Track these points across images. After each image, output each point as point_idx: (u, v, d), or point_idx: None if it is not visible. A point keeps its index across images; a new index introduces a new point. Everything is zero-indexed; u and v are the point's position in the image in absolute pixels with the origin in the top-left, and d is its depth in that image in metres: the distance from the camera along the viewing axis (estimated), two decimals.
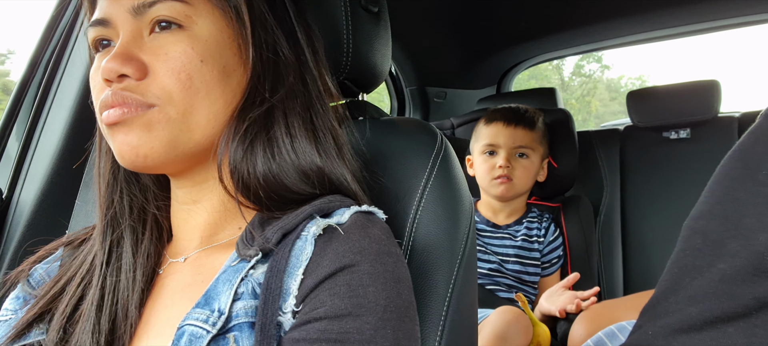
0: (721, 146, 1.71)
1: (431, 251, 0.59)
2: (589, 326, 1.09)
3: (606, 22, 1.87)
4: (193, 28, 0.50)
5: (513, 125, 1.46)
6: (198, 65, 0.49)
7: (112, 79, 0.48)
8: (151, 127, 0.48)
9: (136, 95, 0.48)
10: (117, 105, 0.48)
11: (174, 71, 0.48)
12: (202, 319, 0.44)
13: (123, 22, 0.50)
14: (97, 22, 0.51)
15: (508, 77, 2.33)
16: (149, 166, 0.50)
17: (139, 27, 0.50)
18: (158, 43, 0.49)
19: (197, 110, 0.50)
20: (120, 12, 0.50)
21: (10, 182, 0.95)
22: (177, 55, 0.49)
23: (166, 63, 0.48)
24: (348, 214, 0.49)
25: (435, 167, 0.63)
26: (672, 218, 1.70)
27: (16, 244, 0.89)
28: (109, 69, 0.47)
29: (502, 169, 1.44)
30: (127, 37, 0.49)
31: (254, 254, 0.48)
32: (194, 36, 0.50)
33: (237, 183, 0.51)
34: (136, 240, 0.55)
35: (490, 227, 1.51)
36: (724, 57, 13.29)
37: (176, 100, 0.48)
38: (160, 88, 0.48)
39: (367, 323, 0.42)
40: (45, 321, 0.52)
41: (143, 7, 0.49)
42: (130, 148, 0.48)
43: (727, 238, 0.34)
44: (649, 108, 1.79)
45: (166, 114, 0.48)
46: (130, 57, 0.48)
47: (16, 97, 0.98)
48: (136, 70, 0.48)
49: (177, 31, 0.49)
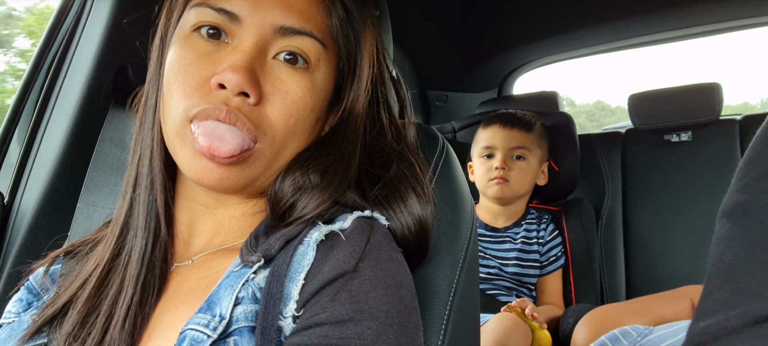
0: (722, 149, 1.71)
1: (433, 255, 0.59)
2: (592, 330, 1.09)
3: (607, 25, 1.87)
4: (315, 73, 0.49)
5: (509, 127, 1.47)
6: (307, 113, 0.49)
7: (233, 92, 0.45)
8: (245, 166, 0.47)
9: (251, 122, 0.46)
10: (228, 122, 0.45)
11: (287, 113, 0.47)
12: (204, 324, 0.44)
13: (257, 31, 0.47)
14: (224, 11, 0.48)
15: (510, 80, 2.33)
16: (216, 189, 0.49)
17: (268, 45, 0.48)
18: (280, 76, 0.48)
19: (286, 152, 0.50)
20: (260, 20, 0.48)
21: (12, 186, 0.95)
22: (296, 98, 0.48)
23: (283, 100, 0.47)
24: (350, 219, 0.49)
25: (436, 171, 0.62)
26: (674, 221, 1.69)
27: (18, 248, 0.89)
28: (236, 83, 0.45)
29: (498, 170, 1.44)
30: (254, 52, 0.47)
31: (256, 260, 0.47)
32: (314, 82, 0.49)
33: (270, 203, 0.51)
34: (151, 241, 0.53)
35: (489, 231, 1.51)
36: (723, 59, 13.32)
37: (277, 140, 0.48)
38: (268, 124, 0.47)
39: (369, 328, 0.42)
40: (55, 325, 0.52)
41: (287, 31, 0.48)
42: (216, 178, 0.47)
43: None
44: (650, 111, 1.79)
45: (264, 151, 0.48)
46: (256, 78, 0.46)
47: (17, 101, 0.98)
48: (257, 96, 0.46)
49: (302, 71, 0.48)
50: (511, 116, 1.51)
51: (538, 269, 1.48)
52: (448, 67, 2.13)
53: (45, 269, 0.58)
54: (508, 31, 1.99)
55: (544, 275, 1.49)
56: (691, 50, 17.72)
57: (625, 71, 14.17)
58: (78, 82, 0.92)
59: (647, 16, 1.78)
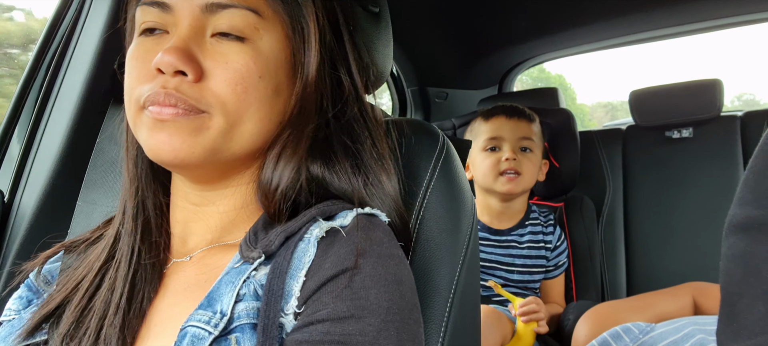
0: (723, 145, 1.71)
1: (434, 252, 0.59)
2: (593, 327, 1.09)
3: (607, 22, 1.87)
4: (257, 42, 0.49)
5: (515, 117, 1.40)
6: (256, 80, 0.49)
7: (168, 72, 0.47)
8: (198, 133, 0.47)
9: (191, 99, 0.47)
10: (169, 105, 0.46)
11: (232, 81, 0.47)
12: (204, 320, 0.44)
13: (188, 15, 0.49)
14: (155, 3, 0.49)
15: (510, 77, 2.33)
16: (177, 166, 0.50)
17: (203, 25, 0.49)
18: (220, 49, 0.48)
19: (244, 125, 0.49)
20: (187, 4, 0.49)
21: (12, 184, 0.95)
22: (238, 66, 0.48)
23: (225, 71, 0.47)
24: (350, 216, 0.49)
25: (437, 168, 0.62)
26: (675, 218, 1.69)
27: (19, 246, 0.89)
28: (168, 63, 0.46)
29: (509, 162, 1.35)
30: (189, 32, 0.48)
31: (257, 256, 0.47)
32: (257, 50, 0.49)
33: (262, 195, 0.51)
34: (146, 238, 0.54)
35: (491, 234, 1.43)
36: (723, 58, 13.29)
37: (228, 110, 0.48)
38: (214, 96, 0.47)
39: (370, 325, 0.42)
40: (52, 322, 0.52)
41: (216, 8, 0.48)
42: (169, 149, 0.47)
43: None
44: (651, 107, 1.79)
45: (215, 122, 0.48)
46: (190, 55, 0.47)
47: (17, 99, 0.98)
48: (194, 72, 0.47)
49: (240, 42, 0.49)
50: (514, 108, 1.44)
51: (544, 274, 1.44)
52: (448, 64, 2.13)
53: (37, 270, 0.59)
54: (508, 28, 1.99)
55: (550, 279, 1.45)
56: (692, 47, 17.66)
57: (624, 68, 14.14)
58: (78, 80, 0.92)
59: (648, 13, 1.77)
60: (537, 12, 1.84)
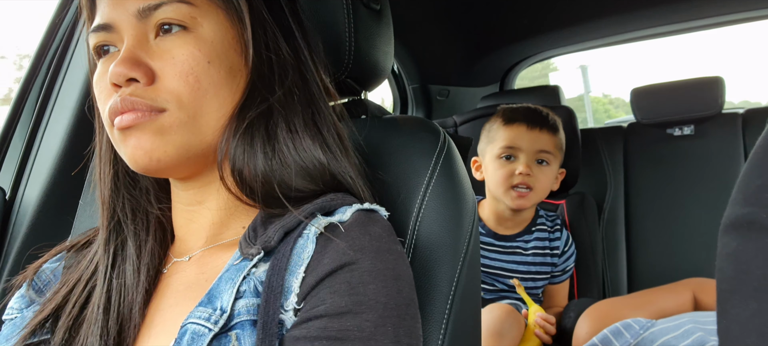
0: (725, 143, 1.70)
1: (434, 249, 0.59)
2: (594, 324, 1.09)
3: (609, 19, 1.87)
4: (198, 29, 0.50)
5: (537, 128, 1.31)
6: (205, 67, 0.49)
7: (120, 83, 0.48)
8: (164, 132, 0.48)
9: (147, 100, 0.47)
10: (128, 110, 0.47)
11: (182, 74, 0.48)
12: (205, 317, 0.44)
13: (127, 26, 0.50)
14: (99, 27, 0.51)
15: (511, 75, 2.32)
16: (161, 170, 0.50)
17: (145, 30, 0.50)
18: (164, 47, 0.49)
19: (207, 112, 0.50)
20: (124, 16, 0.50)
21: (14, 182, 0.95)
22: (184, 58, 0.48)
23: (173, 66, 0.48)
24: (350, 212, 0.49)
25: (438, 165, 0.62)
26: (676, 215, 1.69)
27: (20, 244, 0.89)
28: (118, 73, 0.47)
29: (522, 176, 1.28)
30: (133, 42, 0.49)
31: (256, 253, 0.48)
32: (200, 37, 0.50)
33: (238, 182, 0.51)
34: (140, 242, 0.55)
35: (496, 239, 1.39)
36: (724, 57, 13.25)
37: (186, 102, 0.48)
38: (169, 92, 0.48)
39: (367, 320, 0.42)
40: (51, 323, 0.52)
41: (148, 10, 0.49)
42: (143, 153, 0.48)
43: None
44: (652, 105, 1.79)
45: (177, 117, 0.48)
46: (138, 61, 0.48)
47: (18, 98, 0.98)
48: (145, 75, 0.48)
49: (182, 34, 0.49)
50: (538, 115, 1.34)
51: (547, 280, 1.40)
52: (449, 62, 2.13)
53: (29, 280, 0.59)
54: (509, 26, 1.99)
55: (555, 284, 1.42)
56: (693, 44, 17.59)
57: (623, 66, 14.11)
58: (79, 78, 0.92)
59: (649, 10, 1.77)
60: (538, 9, 1.84)
